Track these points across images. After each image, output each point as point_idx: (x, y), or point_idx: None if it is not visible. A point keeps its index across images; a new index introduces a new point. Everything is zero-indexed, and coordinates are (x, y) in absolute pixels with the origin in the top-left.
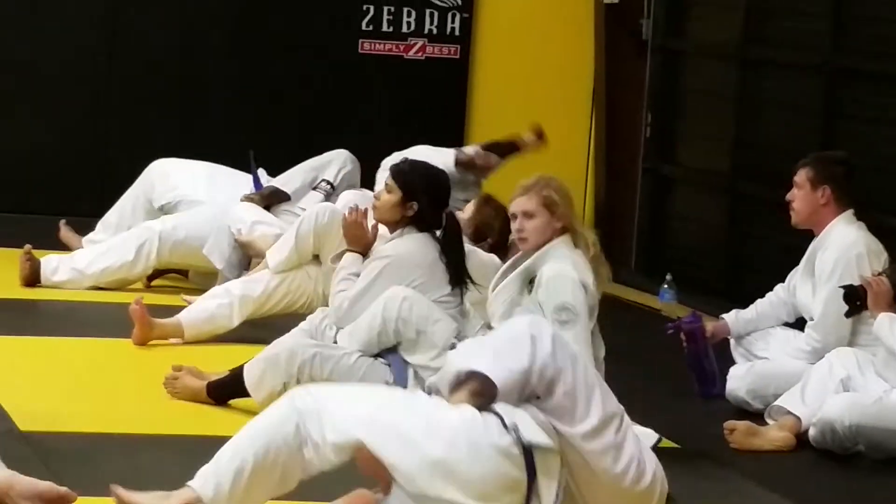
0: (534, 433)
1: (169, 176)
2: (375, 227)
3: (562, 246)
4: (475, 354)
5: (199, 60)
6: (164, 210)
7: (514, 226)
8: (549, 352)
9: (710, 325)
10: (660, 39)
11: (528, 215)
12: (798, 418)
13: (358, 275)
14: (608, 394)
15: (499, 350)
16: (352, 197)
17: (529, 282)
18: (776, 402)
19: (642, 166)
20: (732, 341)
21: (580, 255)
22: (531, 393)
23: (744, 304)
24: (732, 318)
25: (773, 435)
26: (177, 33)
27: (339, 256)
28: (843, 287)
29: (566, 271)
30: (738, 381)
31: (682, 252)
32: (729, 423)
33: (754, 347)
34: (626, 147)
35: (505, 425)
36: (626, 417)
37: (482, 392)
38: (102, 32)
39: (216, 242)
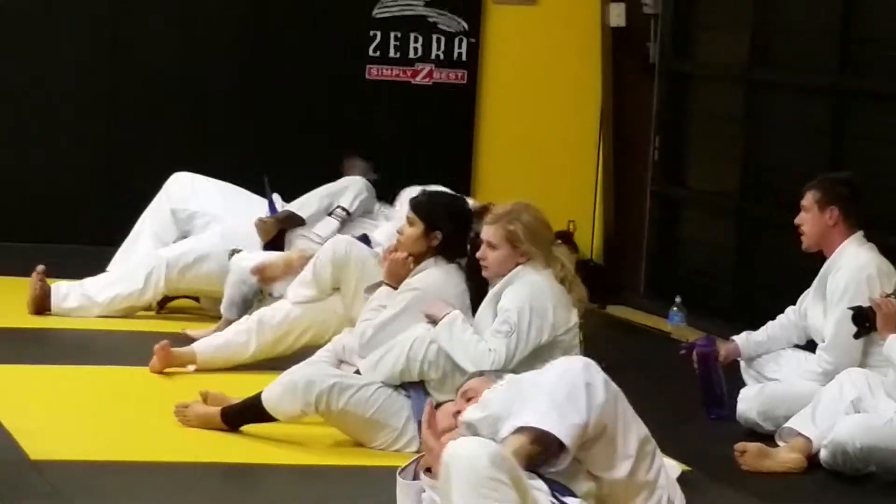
0: None
1: (188, 187)
2: (409, 261)
3: (526, 272)
4: (533, 408)
5: (205, 87)
6: (176, 213)
7: (479, 251)
8: (604, 400)
9: (721, 347)
10: (667, 63)
11: (490, 246)
12: (809, 440)
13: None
14: (641, 427)
15: (558, 402)
16: (392, 229)
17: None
18: (787, 424)
19: (650, 189)
20: (743, 363)
21: (548, 278)
22: (582, 442)
23: (754, 327)
24: (743, 339)
25: (784, 457)
26: (181, 60)
27: (375, 288)
28: (852, 308)
29: (522, 297)
30: (749, 403)
31: (692, 275)
32: (740, 445)
33: (765, 369)
34: (634, 170)
35: None
36: (659, 453)
37: (545, 451)
38: (103, 54)
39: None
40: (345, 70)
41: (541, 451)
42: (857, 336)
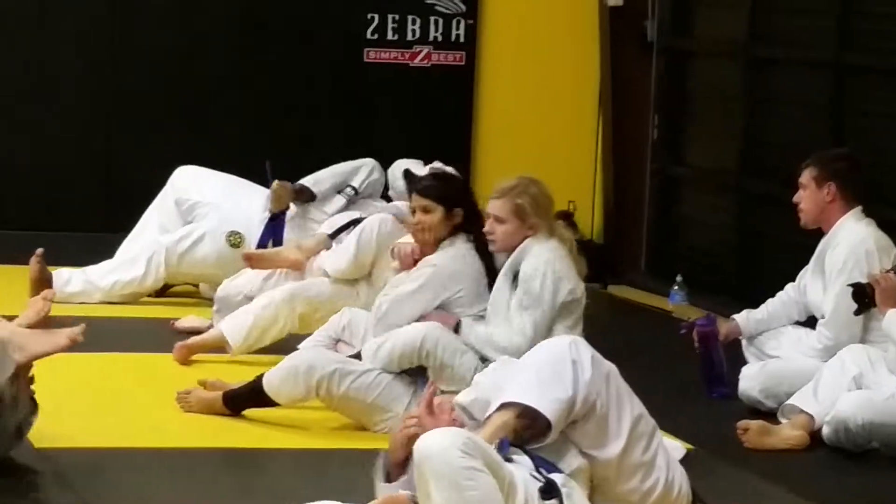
0: None
1: (191, 179)
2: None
3: (537, 242)
4: (518, 383)
5: (203, 72)
6: (179, 204)
7: (486, 226)
8: (590, 376)
9: (722, 326)
10: (665, 40)
11: (498, 220)
12: (811, 416)
13: None
14: (640, 408)
15: (543, 379)
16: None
17: (514, 278)
18: (789, 401)
19: (650, 168)
20: (744, 341)
21: (559, 248)
22: (572, 419)
23: (754, 304)
24: (743, 318)
25: (787, 434)
26: (179, 43)
27: None
28: (852, 285)
29: (544, 265)
30: (751, 381)
31: (692, 253)
32: (742, 423)
33: (766, 347)
34: (633, 149)
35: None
36: (659, 434)
37: (531, 426)
38: (104, 46)
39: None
40: (343, 53)
41: (527, 426)
42: (857, 312)
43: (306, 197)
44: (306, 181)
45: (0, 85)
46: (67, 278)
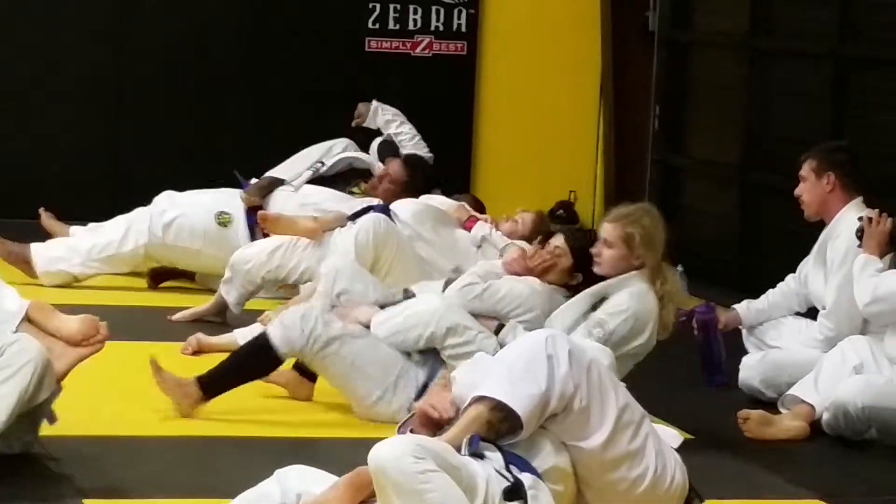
0: None
1: (167, 200)
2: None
3: (636, 282)
4: (491, 377)
5: (206, 63)
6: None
7: (594, 247)
8: (566, 371)
9: (722, 315)
10: (666, 31)
11: (607, 244)
12: (812, 407)
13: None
14: (626, 397)
15: (515, 374)
16: None
17: (596, 304)
18: (789, 391)
19: (651, 158)
20: (744, 331)
21: (652, 297)
22: (550, 414)
23: (756, 295)
24: (744, 308)
25: (787, 424)
26: (183, 35)
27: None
28: (860, 219)
29: (632, 308)
30: (751, 371)
31: (693, 243)
32: (743, 413)
33: (766, 337)
34: (634, 139)
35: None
36: (648, 422)
37: (505, 420)
38: (109, 38)
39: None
40: (344, 42)
41: (501, 420)
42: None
43: (275, 186)
44: (275, 171)
45: (4, 75)
46: (49, 245)
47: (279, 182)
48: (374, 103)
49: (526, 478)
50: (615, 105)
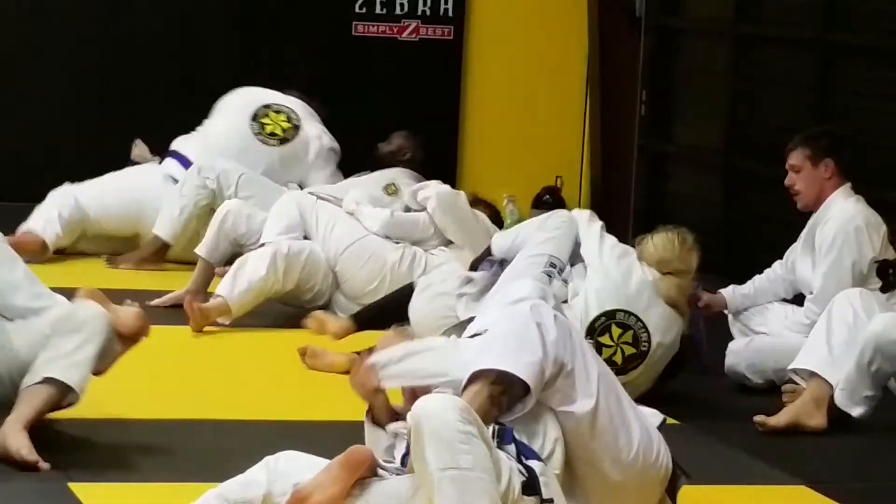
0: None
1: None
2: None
3: None
4: (488, 354)
5: (193, 47)
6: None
7: None
8: (556, 335)
9: (705, 296)
10: (653, 17)
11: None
12: (829, 384)
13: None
14: (600, 365)
15: (510, 346)
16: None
17: None
18: (801, 365)
19: (637, 144)
20: (730, 317)
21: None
22: (547, 380)
23: (741, 281)
24: (730, 293)
25: (816, 423)
26: (171, 18)
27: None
28: (877, 262)
29: None
30: (737, 357)
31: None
32: (759, 419)
33: (752, 323)
34: (621, 125)
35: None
36: (626, 395)
37: (507, 392)
38: (95, 20)
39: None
40: (331, 26)
41: (503, 392)
42: (883, 290)
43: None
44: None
45: None
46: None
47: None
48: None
49: (535, 465)
50: (602, 91)
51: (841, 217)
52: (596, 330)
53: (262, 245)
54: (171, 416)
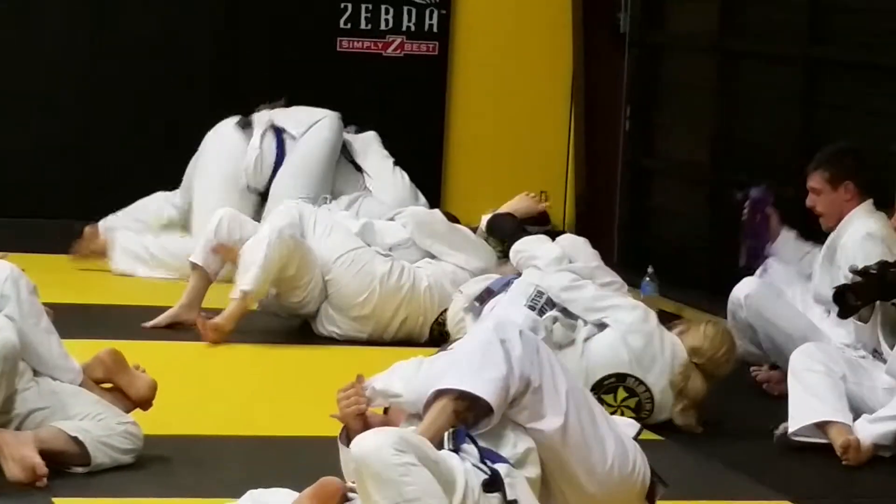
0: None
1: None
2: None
3: None
4: (451, 374)
5: (177, 61)
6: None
7: None
8: (521, 352)
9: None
10: (637, 33)
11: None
12: (848, 426)
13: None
14: (573, 381)
15: (474, 364)
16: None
17: None
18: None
19: (622, 159)
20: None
21: None
22: (512, 398)
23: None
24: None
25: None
26: (155, 32)
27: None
28: (835, 288)
29: None
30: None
31: (664, 245)
32: (843, 442)
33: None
34: (605, 140)
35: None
36: (601, 408)
37: (471, 408)
38: (82, 32)
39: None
40: (316, 42)
41: (467, 408)
42: (841, 315)
43: None
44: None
45: None
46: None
47: None
48: None
49: (501, 467)
50: (586, 106)
51: (857, 235)
52: (603, 387)
53: None
54: (157, 431)
